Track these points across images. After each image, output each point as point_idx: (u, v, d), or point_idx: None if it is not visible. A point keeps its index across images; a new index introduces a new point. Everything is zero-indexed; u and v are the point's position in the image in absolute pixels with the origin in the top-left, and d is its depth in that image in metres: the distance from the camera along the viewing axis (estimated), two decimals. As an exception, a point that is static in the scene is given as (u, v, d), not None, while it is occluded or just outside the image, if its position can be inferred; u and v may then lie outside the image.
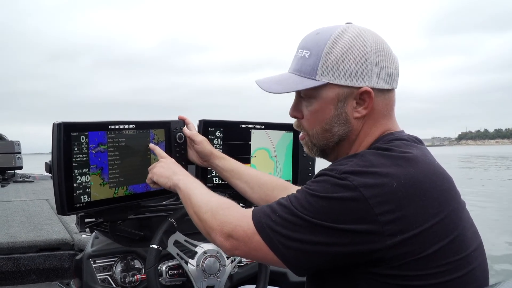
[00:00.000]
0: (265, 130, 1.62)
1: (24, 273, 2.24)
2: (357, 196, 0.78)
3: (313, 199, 0.82)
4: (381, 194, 0.78)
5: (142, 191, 1.37)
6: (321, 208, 0.80)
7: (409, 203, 0.79)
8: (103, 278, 1.44)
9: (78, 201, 1.20)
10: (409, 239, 0.78)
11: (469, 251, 0.84)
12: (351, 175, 0.81)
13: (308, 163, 1.67)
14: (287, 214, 0.84)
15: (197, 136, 1.43)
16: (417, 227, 0.79)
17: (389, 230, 0.78)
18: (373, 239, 0.78)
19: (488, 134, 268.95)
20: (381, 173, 0.81)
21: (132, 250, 1.49)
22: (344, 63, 0.89)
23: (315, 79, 0.91)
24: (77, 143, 1.18)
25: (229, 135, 1.57)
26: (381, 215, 0.78)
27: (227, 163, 1.39)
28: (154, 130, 1.39)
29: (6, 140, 5.91)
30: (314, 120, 0.95)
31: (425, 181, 0.83)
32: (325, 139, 0.96)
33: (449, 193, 0.86)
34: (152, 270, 1.29)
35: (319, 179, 0.85)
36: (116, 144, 1.28)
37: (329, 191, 0.81)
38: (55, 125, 1.16)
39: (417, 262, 0.79)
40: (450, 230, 0.82)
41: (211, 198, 1.02)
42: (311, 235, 0.80)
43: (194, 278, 1.38)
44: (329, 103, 0.92)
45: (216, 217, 0.94)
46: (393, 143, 0.89)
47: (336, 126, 0.93)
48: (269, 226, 0.85)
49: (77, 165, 1.19)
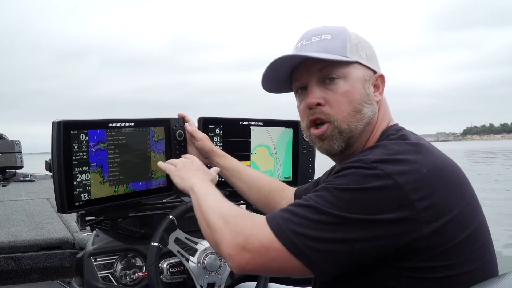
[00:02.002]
0: (265, 127, 1.62)
1: (26, 272, 2.24)
2: (392, 184, 0.75)
3: (343, 193, 0.77)
4: (414, 180, 0.76)
5: (142, 188, 1.37)
6: (354, 201, 0.76)
7: (439, 189, 0.78)
8: (104, 276, 1.44)
9: (78, 199, 1.20)
10: (442, 226, 0.76)
11: (487, 240, 0.85)
12: (381, 163, 0.78)
13: (308, 160, 1.67)
14: (312, 213, 0.77)
15: (198, 133, 1.43)
16: (448, 213, 0.77)
17: (425, 217, 0.75)
18: (410, 228, 0.75)
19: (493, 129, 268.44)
20: (409, 160, 0.79)
21: (132, 248, 1.49)
22: (363, 48, 0.94)
23: (346, 56, 0.91)
24: (76, 141, 1.18)
25: (229, 132, 1.57)
26: (416, 201, 0.75)
27: (228, 162, 1.39)
28: (154, 127, 1.39)
29: (6, 139, 5.91)
30: (345, 101, 0.91)
31: (446, 167, 0.83)
32: (356, 122, 0.91)
33: (465, 180, 0.86)
34: (153, 267, 1.29)
35: (345, 172, 0.80)
36: (116, 142, 1.28)
37: (360, 182, 0.77)
38: (54, 124, 1.16)
39: (448, 251, 0.78)
40: (473, 217, 0.82)
41: (224, 205, 0.93)
42: (344, 233, 0.75)
43: (195, 275, 1.38)
44: (359, 82, 0.92)
45: (228, 226, 0.84)
46: (404, 132, 0.90)
47: (366, 106, 0.92)
48: (292, 230, 0.77)
49: (77, 163, 1.19)
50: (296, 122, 1.64)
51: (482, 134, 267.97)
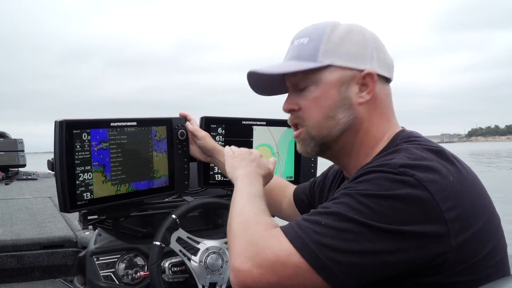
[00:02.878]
0: (267, 126, 1.62)
1: (28, 270, 2.25)
2: (423, 193, 0.70)
3: (369, 199, 0.70)
4: (442, 189, 0.71)
5: (145, 188, 1.37)
6: (381, 208, 0.69)
7: (464, 198, 0.74)
8: (106, 275, 1.44)
9: (80, 199, 1.20)
10: (469, 238, 0.73)
11: (504, 252, 0.81)
12: (410, 169, 0.72)
13: (311, 159, 1.66)
14: (336, 220, 0.70)
15: (199, 132, 1.43)
16: (473, 224, 0.73)
17: (453, 229, 0.71)
18: (440, 240, 0.70)
19: (498, 130, 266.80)
20: (435, 167, 0.74)
21: (135, 247, 1.49)
22: (346, 46, 0.87)
23: (316, 61, 0.87)
24: (79, 140, 1.19)
25: (231, 132, 1.57)
26: (446, 212, 0.70)
27: None
28: (156, 127, 1.39)
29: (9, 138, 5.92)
30: (316, 108, 0.87)
31: (468, 176, 0.78)
32: (327, 128, 0.87)
33: (485, 191, 0.82)
34: (155, 267, 1.29)
35: (369, 177, 0.74)
36: (118, 141, 1.28)
37: (388, 188, 0.70)
38: (57, 123, 1.16)
39: (474, 265, 0.74)
40: (495, 228, 0.79)
41: (252, 209, 0.85)
42: (372, 243, 0.68)
43: (197, 274, 1.38)
44: (332, 86, 0.86)
45: (244, 233, 0.77)
46: (416, 139, 0.84)
47: (340, 112, 0.86)
48: (314, 240, 0.70)
49: (79, 162, 1.19)
50: (298, 121, 1.64)
51: (487, 135, 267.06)
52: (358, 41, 0.87)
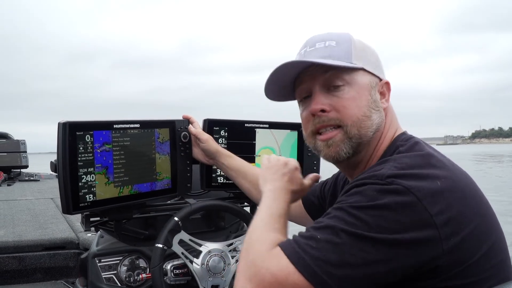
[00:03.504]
0: (270, 129, 1.61)
1: (30, 272, 2.25)
2: (411, 200, 0.72)
3: (359, 211, 0.72)
4: (430, 194, 0.73)
5: (147, 190, 1.37)
6: (372, 219, 0.71)
7: (455, 202, 0.75)
8: (108, 277, 1.44)
9: (83, 200, 1.20)
10: (461, 241, 0.74)
11: (504, 255, 0.82)
12: (397, 178, 0.74)
13: (313, 162, 1.66)
14: (331, 235, 0.72)
15: (202, 135, 1.43)
16: (465, 227, 0.75)
17: (444, 233, 0.72)
18: (432, 245, 0.72)
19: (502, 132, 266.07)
20: (423, 174, 0.76)
21: (137, 249, 1.49)
22: (368, 55, 0.93)
23: (351, 62, 0.89)
24: (82, 142, 1.19)
25: (234, 134, 1.57)
26: (435, 216, 0.72)
27: (233, 162, 1.39)
28: (159, 129, 1.39)
29: (11, 139, 5.93)
30: (355, 107, 0.88)
31: (460, 179, 0.80)
32: (366, 128, 0.88)
33: (479, 193, 0.84)
34: (157, 269, 1.29)
35: (359, 189, 0.76)
36: (121, 143, 1.28)
37: (377, 198, 0.73)
38: (60, 125, 1.16)
39: (469, 268, 0.75)
40: (490, 230, 0.80)
41: (264, 227, 0.85)
42: (366, 254, 0.70)
43: (199, 277, 1.38)
44: (365, 88, 0.90)
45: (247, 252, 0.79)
46: (413, 143, 0.87)
47: (374, 112, 0.90)
48: (311, 256, 0.71)
49: (82, 164, 1.19)
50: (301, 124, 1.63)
51: (491, 137, 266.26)
52: (374, 53, 0.95)
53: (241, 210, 1.50)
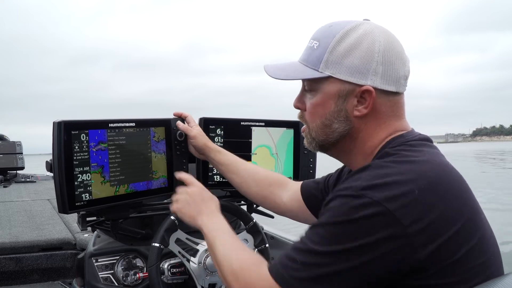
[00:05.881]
0: (266, 127, 1.62)
1: (27, 273, 2.24)
2: (382, 211, 0.74)
3: (333, 227, 0.78)
4: (405, 204, 0.75)
5: (143, 189, 1.37)
6: (343, 233, 0.76)
7: (433, 209, 0.76)
8: (105, 276, 1.44)
9: (79, 200, 1.20)
10: (439, 246, 0.75)
11: (489, 254, 0.82)
12: (369, 190, 0.77)
13: (309, 160, 1.66)
14: (308, 256, 0.79)
15: (190, 131, 1.43)
16: (444, 232, 0.76)
17: (418, 241, 0.74)
18: (404, 252, 0.74)
19: (503, 130, 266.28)
20: (399, 181, 0.77)
21: (133, 249, 1.49)
22: (349, 58, 0.87)
23: (318, 70, 0.90)
24: (77, 141, 1.18)
25: (230, 133, 1.57)
26: (409, 226, 0.74)
27: (223, 157, 1.38)
28: (155, 128, 1.39)
29: (7, 140, 5.91)
30: (315, 113, 0.93)
31: (442, 183, 0.80)
32: (324, 134, 0.93)
33: (466, 193, 0.83)
34: (154, 268, 1.29)
35: (335, 204, 0.80)
36: (117, 142, 1.28)
37: (349, 213, 0.76)
38: (55, 124, 1.16)
39: (446, 269, 0.76)
40: (473, 231, 0.80)
41: (233, 255, 0.95)
42: (340, 265, 0.76)
43: (196, 276, 1.38)
44: (330, 98, 0.90)
45: (237, 281, 0.89)
46: (401, 148, 0.86)
47: (336, 122, 0.91)
48: (293, 277, 0.79)
49: (78, 163, 1.19)
50: (297, 122, 1.63)
51: (492, 135, 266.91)
52: (364, 55, 0.87)
53: (238, 208, 1.50)
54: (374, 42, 0.87)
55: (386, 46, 0.88)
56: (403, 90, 0.92)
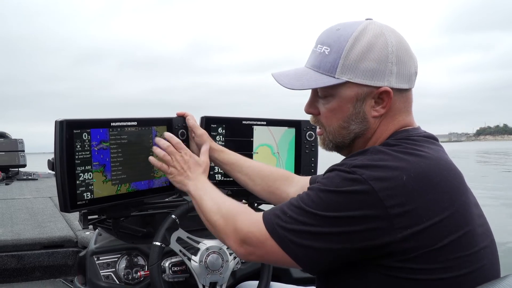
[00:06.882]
0: (267, 126, 1.62)
1: (29, 270, 2.25)
2: (367, 189, 0.79)
3: (323, 194, 0.83)
4: (390, 187, 0.79)
5: (145, 188, 1.37)
6: (331, 201, 0.82)
7: (419, 197, 0.79)
8: (106, 274, 1.45)
9: (81, 198, 1.20)
10: (420, 232, 0.78)
11: (479, 248, 0.84)
12: (361, 168, 0.82)
13: (311, 159, 1.66)
14: (297, 212, 0.85)
15: (197, 129, 1.43)
16: (427, 220, 0.79)
17: (399, 223, 0.78)
18: (383, 232, 0.78)
19: (507, 129, 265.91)
20: (391, 166, 0.81)
21: (135, 247, 1.49)
22: (365, 62, 0.88)
23: (334, 76, 0.90)
24: (79, 140, 1.19)
25: (232, 132, 1.57)
26: (390, 208, 0.78)
27: (227, 157, 1.39)
28: (156, 127, 1.39)
29: (9, 138, 5.93)
30: (332, 118, 0.95)
31: (435, 175, 0.83)
32: (341, 136, 0.96)
33: (459, 188, 0.86)
34: (155, 266, 1.29)
35: (329, 174, 0.87)
36: (119, 141, 1.28)
37: (339, 185, 0.82)
38: (57, 123, 1.16)
39: (427, 255, 0.79)
40: (460, 224, 0.82)
41: (221, 204, 1.03)
42: (322, 228, 0.81)
43: (197, 274, 1.38)
44: (348, 101, 0.91)
45: (228, 224, 0.96)
46: (403, 141, 0.89)
47: (353, 124, 0.93)
48: (280, 226, 0.85)
49: (80, 162, 1.19)
50: (299, 122, 1.64)
51: (495, 134, 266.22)
52: (379, 57, 0.88)
53: None
54: (387, 43, 0.89)
55: (397, 45, 0.90)
56: (414, 85, 0.95)
